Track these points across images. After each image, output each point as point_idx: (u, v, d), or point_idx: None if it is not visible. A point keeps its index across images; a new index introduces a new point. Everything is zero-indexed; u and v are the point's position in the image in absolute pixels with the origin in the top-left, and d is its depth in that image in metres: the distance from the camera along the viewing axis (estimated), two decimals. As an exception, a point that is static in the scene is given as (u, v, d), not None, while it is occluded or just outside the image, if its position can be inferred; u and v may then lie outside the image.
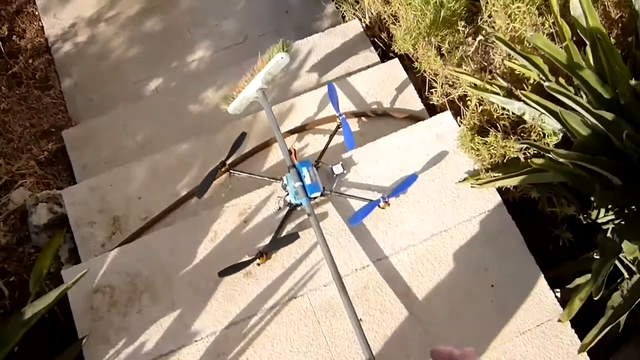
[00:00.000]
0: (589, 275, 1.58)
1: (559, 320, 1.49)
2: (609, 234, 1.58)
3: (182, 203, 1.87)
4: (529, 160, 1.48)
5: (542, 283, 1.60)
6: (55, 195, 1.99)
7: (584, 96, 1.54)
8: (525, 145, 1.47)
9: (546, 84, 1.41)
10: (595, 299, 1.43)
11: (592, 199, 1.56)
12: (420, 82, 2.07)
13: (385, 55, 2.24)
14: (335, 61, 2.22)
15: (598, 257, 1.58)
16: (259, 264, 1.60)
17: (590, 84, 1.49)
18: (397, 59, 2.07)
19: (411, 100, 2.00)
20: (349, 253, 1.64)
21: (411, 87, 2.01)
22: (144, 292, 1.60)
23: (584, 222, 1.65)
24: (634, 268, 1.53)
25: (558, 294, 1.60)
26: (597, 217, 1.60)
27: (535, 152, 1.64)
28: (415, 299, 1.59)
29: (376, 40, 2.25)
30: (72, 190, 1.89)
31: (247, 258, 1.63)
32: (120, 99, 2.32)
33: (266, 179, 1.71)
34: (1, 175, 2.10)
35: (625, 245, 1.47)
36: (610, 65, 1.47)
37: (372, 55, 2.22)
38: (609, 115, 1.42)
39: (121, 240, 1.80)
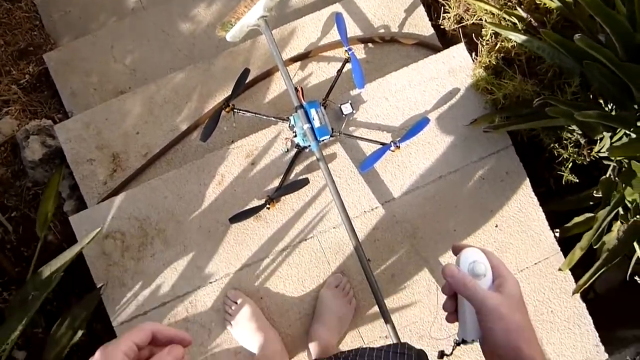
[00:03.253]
0: (587, 214, 1.65)
1: (560, 269, 1.57)
2: (609, 173, 1.61)
3: (182, 138, 1.81)
4: (546, 110, 1.44)
5: (543, 224, 1.65)
6: (46, 127, 1.90)
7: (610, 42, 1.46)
8: (541, 101, 1.42)
9: (577, 36, 1.32)
10: (595, 247, 1.50)
11: (605, 148, 1.56)
12: (430, 1, 1.93)
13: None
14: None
15: (598, 194, 1.63)
16: (268, 209, 1.60)
17: (620, 32, 1.40)
18: (407, -26, 1.89)
19: (421, 24, 1.87)
20: (358, 195, 1.65)
21: (421, 9, 1.87)
22: (155, 237, 1.61)
23: (589, 159, 1.66)
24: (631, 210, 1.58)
25: (557, 234, 1.67)
26: (599, 151, 1.62)
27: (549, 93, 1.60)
28: (422, 239, 1.64)
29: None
30: (66, 126, 1.79)
31: (256, 202, 1.63)
32: (101, 11, 2.11)
33: (272, 118, 1.64)
34: (-18, 102, 1.98)
35: (627, 189, 1.51)
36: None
37: (377, -36, 2.02)
38: (634, 67, 1.36)
39: (124, 179, 1.77)
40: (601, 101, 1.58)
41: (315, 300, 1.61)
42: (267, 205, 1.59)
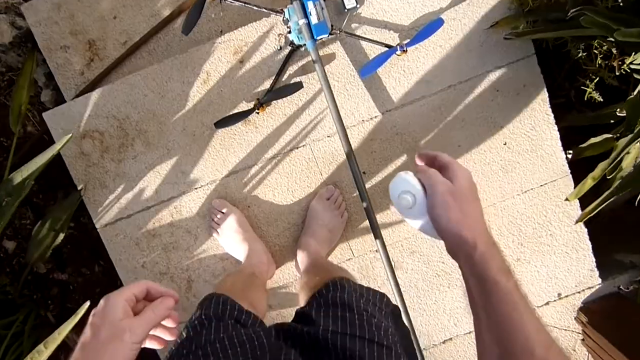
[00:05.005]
0: (605, 135, 1.51)
1: (566, 199, 1.47)
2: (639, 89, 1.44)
3: (165, 25, 1.62)
4: (580, 20, 1.23)
5: (555, 144, 1.52)
6: (14, 4, 1.70)
7: None
8: (577, 12, 1.21)
9: None
10: (609, 177, 1.38)
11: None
12: None
13: None
14: None
15: (622, 114, 1.48)
16: (258, 113, 1.47)
17: None
18: None
19: None
20: (356, 102, 1.50)
21: None
22: (136, 138, 1.50)
23: (618, 72, 1.48)
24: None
25: (570, 155, 1.54)
26: (632, 62, 1.44)
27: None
28: (422, 153, 1.52)
29: None
30: (35, 6, 1.59)
31: (244, 104, 1.49)
32: None
33: (264, 10, 1.43)
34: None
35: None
36: None
37: None
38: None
39: (102, 69, 1.62)
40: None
41: (305, 211, 1.54)
42: (257, 110, 1.46)
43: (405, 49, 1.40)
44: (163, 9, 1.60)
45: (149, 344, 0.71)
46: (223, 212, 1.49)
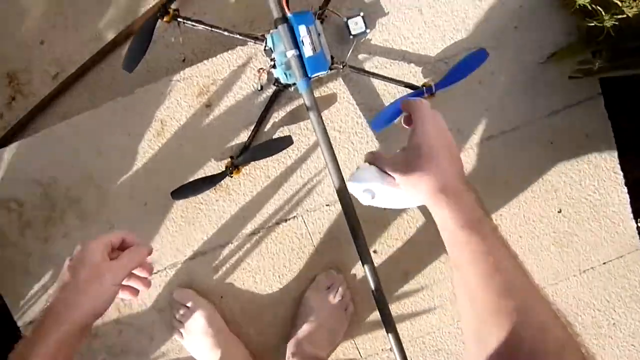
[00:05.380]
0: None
1: None
2: None
3: (108, 53, 1.22)
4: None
5: (624, 211, 1.16)
6: None
7: None
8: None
9: None
10: None
11: None
12: None
13: None
14: None
15: None
16: (232, 177, 1.09)
17: None
18: None
19: None
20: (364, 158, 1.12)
21: None
22: (67, 209, 1.11)
23: None
24: None
25: (642, 224, 1.19)
26: None
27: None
28: (451, 224, 1.15)
29: None
30: None
31: (213, 164, 1.11)
32: None
33: (238, 36, 1.04)
34: None
35: None
36: None
37: None
38: None
39: (27, 110, 1.22)
40: None
41: (297, 301, 1.17)
42: (230, 173, 1.07)
43: (433, 91, 1.02)
44: (106, 31, 1.20)
45: (122, 295, 0.73)
46: (188, 307, 1.11)
